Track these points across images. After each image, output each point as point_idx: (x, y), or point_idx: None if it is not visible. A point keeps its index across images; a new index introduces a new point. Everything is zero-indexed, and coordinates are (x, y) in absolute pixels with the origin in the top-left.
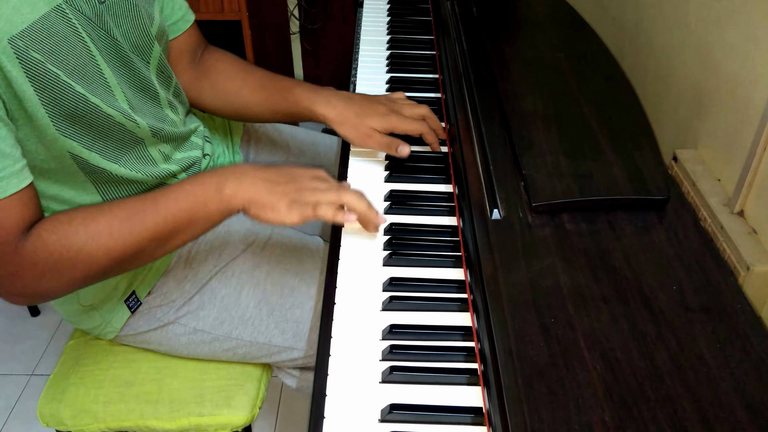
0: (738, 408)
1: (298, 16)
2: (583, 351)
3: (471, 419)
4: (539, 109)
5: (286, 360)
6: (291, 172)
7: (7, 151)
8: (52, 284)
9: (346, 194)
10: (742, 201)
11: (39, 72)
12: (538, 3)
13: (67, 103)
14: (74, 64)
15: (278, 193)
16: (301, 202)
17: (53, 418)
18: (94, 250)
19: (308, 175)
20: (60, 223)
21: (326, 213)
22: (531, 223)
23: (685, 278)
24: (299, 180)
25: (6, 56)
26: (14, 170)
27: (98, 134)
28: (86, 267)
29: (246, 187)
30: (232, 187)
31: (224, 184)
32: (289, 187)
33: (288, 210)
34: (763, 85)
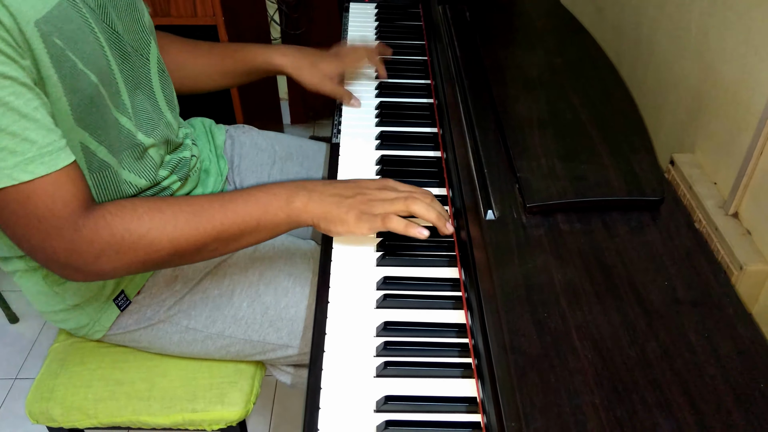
0: (724, 393)
1: (279, 22)
2: (575, 342)
3: (465, 408)
4: (534, 113)
5: (281, 357)
6: (358, 184)
7: (51, 127)
8: (110, 264)
9: (414, 204)
10: (737, 203)
11: (61, 58)
12: (533, 7)
13: (84, 92)
14: (89, 54)
15: (346, 206)
16: (370, 214)
17: (43, 415)
18: (156, 238)
19: (375, 185)
20: (124, 208)
21: (397, 226)
22: (525, 223)
23: (677, 274)
24: (367, 192)
25: (34, 39)
26: (61, 145)
27: (107, 129)
28: (147, 253)
29: (315, 203)
30: (302, 200)
31: (294, 197)
32: (357, 199)
33: (357, 222)
34: (761, 91)
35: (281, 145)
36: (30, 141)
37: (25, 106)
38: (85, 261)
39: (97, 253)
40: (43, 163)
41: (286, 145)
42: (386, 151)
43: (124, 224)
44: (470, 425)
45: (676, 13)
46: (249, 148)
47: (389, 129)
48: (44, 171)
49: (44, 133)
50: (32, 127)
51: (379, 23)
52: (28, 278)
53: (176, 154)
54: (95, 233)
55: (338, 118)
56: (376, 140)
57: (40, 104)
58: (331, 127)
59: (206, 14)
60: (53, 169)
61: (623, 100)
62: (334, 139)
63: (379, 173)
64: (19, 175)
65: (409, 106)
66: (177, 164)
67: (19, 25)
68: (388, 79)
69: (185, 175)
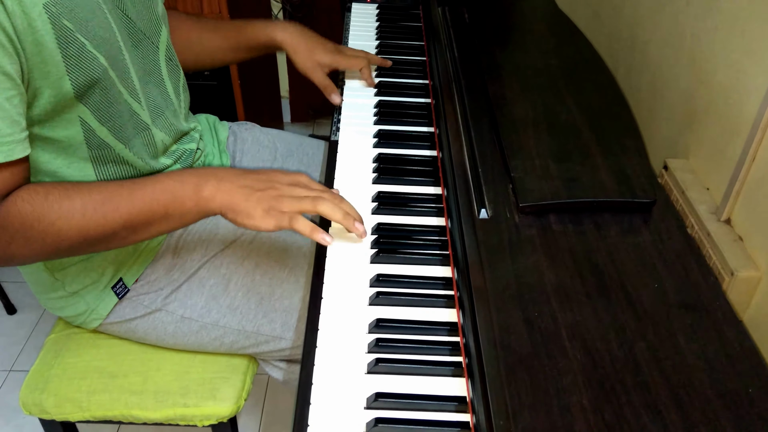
0: (711, 395)
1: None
2: (565, 342)
3: (455, 407)
4: (529, 114)
5: (274, 350)
6: (270, 177)
7: (17, 119)
8: (20, 250)
9: (322, 204)
10: (729, 209)
11: (68, 39)
12: (530, 10)
13: (90, 73)
14: (99, 37)
15: (254, 200)
16: (278, 210)
17: (36, 407)
18: (65, 226)
19: (287, 180)
20: (36, 194)
21: (303, 228)
22: (518, 223)
23: (667, 277)
24: (278, 186)
25: (41, 21)
26: (20, 138)
27: (112, 112)
28: (56, 240)
29: (223, 193)
30: (210, 190)
31: (203, 186)
32: (267, 193)
33: (263, 217)
34: (754, 98)
35: (282, 143)
36: None
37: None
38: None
39: (8, 239)
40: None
41: (288, 142)
42: (383, 149)
43: (33, 211)
44: (459, 425)
45: (670, 19)
46: (251, 145)
47: (387, 128)
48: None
49: (8, 123)
50: (0, 115)
51: (380, 23)
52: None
53: (182, 145)
54: (6, 220)
55: (337, 116)
56: (374, 138)
57: (15, 94)
58: (330, 126)
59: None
60: (5, 160)
61: (617, 102)
62: (333, 136)
63: (376, 171)
64: None
65: (408, 106)
66: (181, 155)
67: (23, 8)
68: (387, 78)
69: (188, 165)
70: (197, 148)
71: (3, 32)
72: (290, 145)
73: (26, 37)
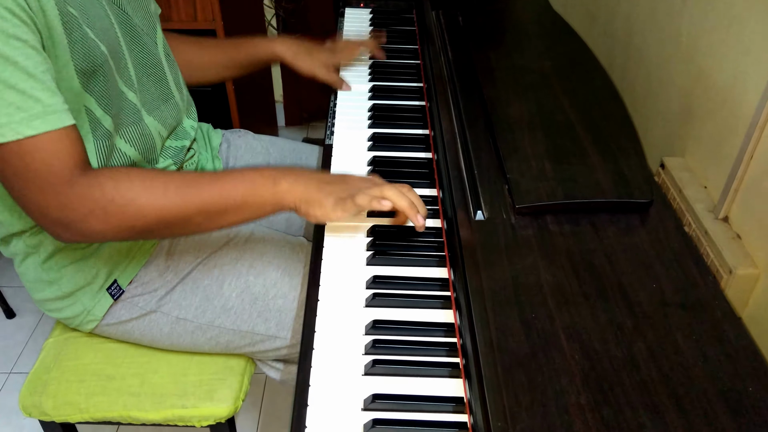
0: (711, 394)
1: (276, 26)
2: (563, 342)
3: (452, 407)
4: (524, 115)
5: (270, 349)
6: (345, 176)
7: (56, 91)
8: (99, 225)
9: (389, 189)
10: (727, 207)
11: (73, 26)
12: (525, 12)
13: (93, 60)
14: (100, 27)
15: (326, 192)
16: (347, 200)
17: (36, 408)
18: (145, 204)
19: (360, 178)
20: (119, 172)
21: (362, 200)
22: (514, 224)
23: (665, 277)
24: (350, 182)
25: (50, 6)
26: (64, 108)
27: (112, 100)
28: (134, 218)
29: (300, 186)
30: (287, 183)
31: (281, 180)
32: (339, 187)
33: (334, 207)
34: (752, 96)
35: (275, 148)
36: (36, 99)
37: (33, 67)
38: (74, 218)
39: (86, 212)
40: (47, 121)
41: (280, 148)
42: (378, 153)
43: (116, 187)
44: (457, 425)
45: (666, 18)
46: (244, 151)
47: (382, 131)
48: (47, 128)
49: (49, 94)
50: (39, 87)
51: (373, 28)
52: (27, 264)
53: (176, 141)
54: (87, 192)
55: (332, 120)
56: (369, 141)
57: (47, 68)
58: (324, 129)
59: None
60: (56, 127)
61: (613, 102)
62: (327, 140)
63: (371, 174)
64: (24, 129)
65: (402, 109)
66: (176, 153)
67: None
68: (381, 82)
69: (181, 161)
70: (190, 146)
71: (23, 10)
72: (283, 151)
73: (39, 19)
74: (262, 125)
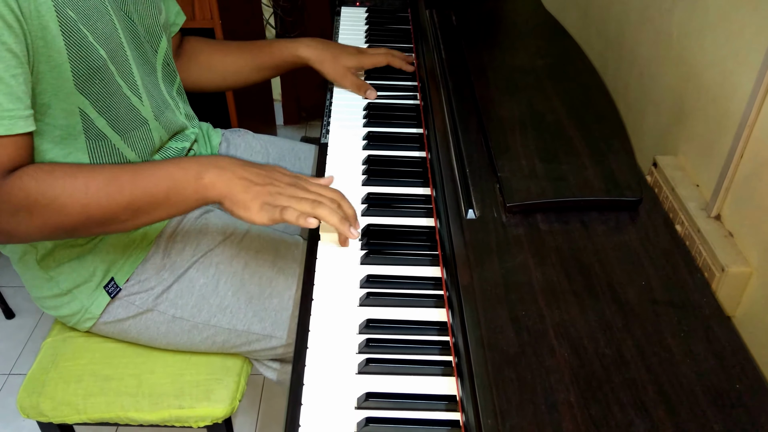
0: (699, 392)
1: (274, 25)
2: (552, 340)
3: (445, 406)
4: (516, 115)
5: (266, 349)
6: (271, 174)
7: (21, 96)
8: (23, 226)
9: (320, 208)
10: (719, 206)
11: (71, 29)
12: (518, 12)
13: (90, 63)
14: (101, 31)
15: (253, 193)
16: (273, 205)
17: (34, 410)
18: (68, 202)
19: (288, 180)
20: (41, 171)
21: (290, 217)
22: (505, 222)
23: (654, 274)
24: (277, 184)
25: (46, 8)
26: (23, 114)
27: (111, 103)
28: (58, 218)
29: (224, 182)
30: (211, 178)
31: (204, 174)
32: (266, 188)
33: (259, 211)
34: (742, 95)
35: (274, 147)
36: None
37: (3, 70)
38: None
39: (11, 212)
40: (0, 125)
41: (279, 147)
42: (373, 151)
43: (39, 187)
44: (449, 423)
45: (657, 18)
46: (243, 150)
47: (376, 129)
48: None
49: (11, 99)
50: (2, 90)
51: (369, 27)
52: (25, 261)
53: (176, 143)
54: (10, 194)
55: (327, 119)
56: (364, 140)
57: (20, 73)
58: (320, 128)
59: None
60: (7, 133)
61: (603, 102)
62: (323, 139)
63: (366, 172)
64: None
65: (397, 108)
66: (176, 152)
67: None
68: (376, 81)
69: None
70: (190, 148)
71: (11, 14)
72: (282, 150)
73: (33, 21)
74: (260, 124)
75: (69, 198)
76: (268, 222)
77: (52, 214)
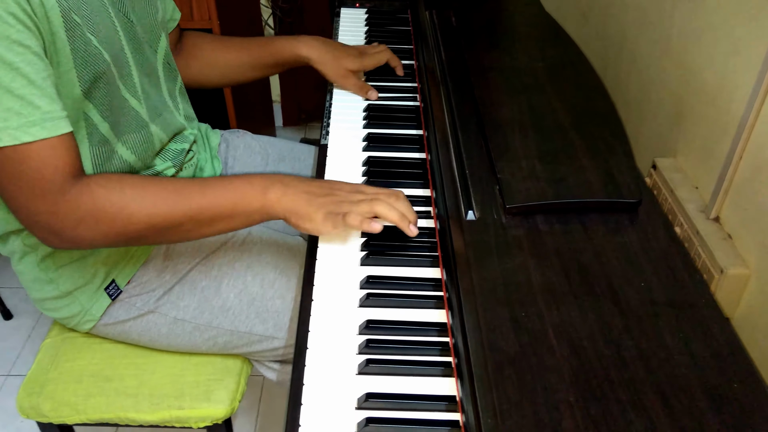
0: (697, 392)
1: (273, 26)
2: (552, 341)
3: (445, 406)
4: (515, 116)
5: (267, 350)
6: (332, 185)
7: (54, 97)
8: (88, 232)
9: (378, 205)
10: (718, 207)
11: (77, 33)
12: (517, 13)
13: (96, 68)
14: (104, 35)
15: (316, 205)
16: (336, 213)
17: (33, 410)
18: (135, 211)
19: (348, 188)
20: (110, 180)
21: (353, 221)
22: (505, 224)
23: (653, 275)
24: (338, 193)
25: (54, 13)
26: (62, 115)
27: (113, 107)
28: (124, 225)
29: (289, 198)
30: (276, 194)
31: (270, 190)
32: (328, 199)
33: (323, 221)
34: (741, 97)
35: (274, 148)
36: (35, 106)
37: (35, 73)
38: (64, 225)
39: (77, 219)
40: (44, 127)
41: (279, 148)
42: (373, 153)
43: (107, 195)
44: (449, 424)
45: (657, 19)
46: (243, 151)
47: (376, 131)
48: (44, 135)
49: (48, 101)
50: (38, 94)
51: (369, 28)
52: (25, 263)
53: (175, 144)
54: (78, 200)
55: (327, 120)
56: (363, 142)
57: (48, 75)
58: (320, 129)
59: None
60: (52, 135)
61: (603, 103)
62: (323, 140)
63: (366, 174)
64: (21, 135)
65: (396, 109)
66: (175, 155)
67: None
68: (376, 82)
69: (180, 163)
70: (189, 149)
71: (28, 16)
72: (282, 151)
73: (44, 25)
74: (259, 125)
75: (137, 207)
76: (333, 230)
77: (118, 222)
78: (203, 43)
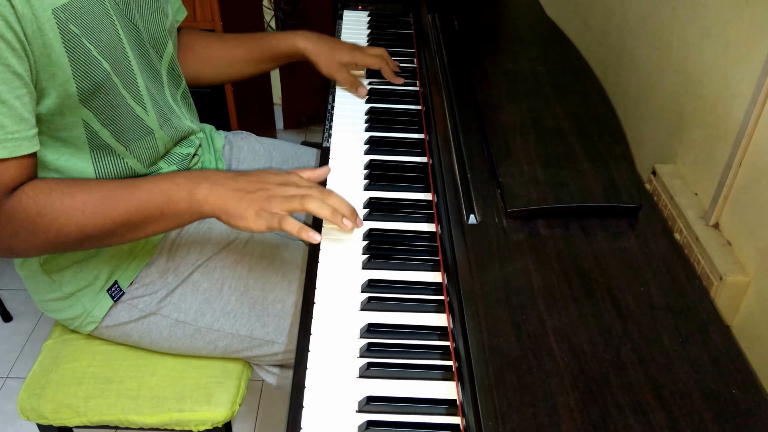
0: (696, 395)
1: (275, 27)
2: (552, 344)
3: (445, 410)
4: (517, 120)
5: (267, 354)
6: (261, 179)
7: (25, 116)
8: (23, 243)
9: (309, 202)
10: (717, 214)
11: (75, 44)
12: (519, 18)
13: (94, 77)
14: (105, 43)
15: (246, 202)
16: (269, 211)
17: (34, 412)
18: (66, 222)
19: (278, 180)
20: (40, 191)
21: (291, 228)
22: (506, 228)
23: (653, 280)
24: (268, 187)
25: (49, 25)
26: (28, 135)
27: (115, 115)
28: (57, 235)
29: (216, 196)
30: (203, 193)
31: (197, 190)
32: (258, 195)
33: (255, 219)
34: (740, 103)
35: (278, 151)
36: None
37: (8, 92)
38: (1, 237)
39: (12, 233)
40: (5, 147)
41: (283, 150)
42: (375, 156)
43: (38, 208)
44: (450, 427)
45: (658, 26)
46: (247, 153)
47: (378, 134)
48: (4, 155)
49: (15, 121)
50: (6, 113)
51: (371, 30)
52: (28, 265)
53: (180, 149)
54: (11, 215)
55: (329, 123)
56: (365, 145)
57: (25, 93)
58: (322, 133)
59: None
60: (13, 156)
61: (604, 108)
62: (325, 143)
63: (368, 177)
64: None
65: (398, 113)
66: (180, 160)
67: (34, 11)
68: (378, 86)
69: (185, 167)
70: (195, 153)
71: (14, 35)
72: (285, 154)
73: (35, 40)
74: (260, 128)
75: (67, 217)
76: (265, 229)
77: (51, 232)
78: (200, 40)
